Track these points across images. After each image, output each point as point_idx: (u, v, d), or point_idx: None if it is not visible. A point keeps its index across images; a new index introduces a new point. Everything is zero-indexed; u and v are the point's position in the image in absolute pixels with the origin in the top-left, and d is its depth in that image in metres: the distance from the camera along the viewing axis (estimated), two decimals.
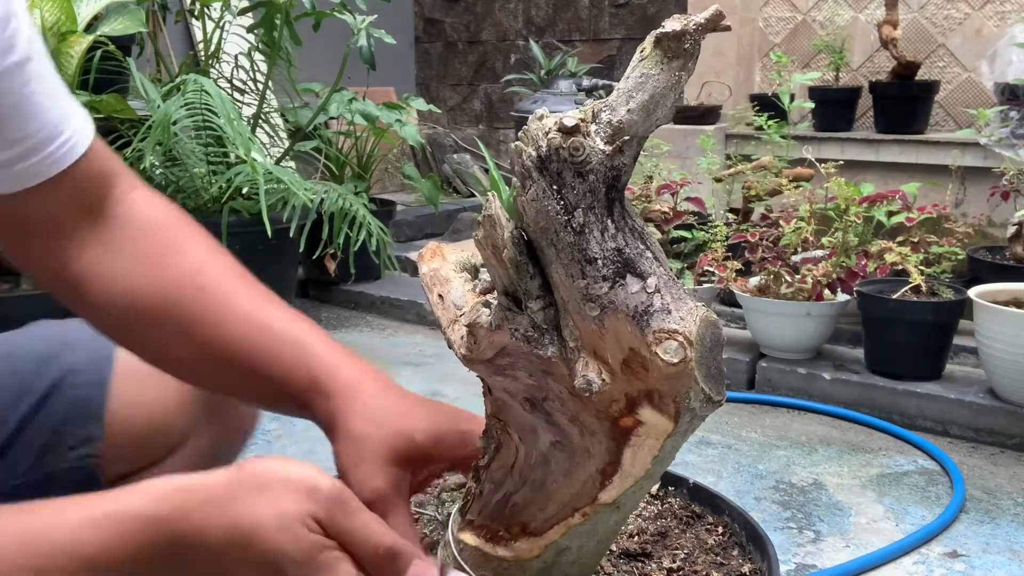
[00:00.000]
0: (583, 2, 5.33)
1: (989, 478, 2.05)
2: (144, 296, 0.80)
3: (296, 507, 0.54)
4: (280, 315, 0.78)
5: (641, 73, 0.52)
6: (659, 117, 0.53)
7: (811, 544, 1.78)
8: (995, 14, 3.20)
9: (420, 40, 5.98)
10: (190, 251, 0.82)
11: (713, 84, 3.59)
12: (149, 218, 0.84)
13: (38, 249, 0.83)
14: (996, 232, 3.00)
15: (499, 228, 0.54)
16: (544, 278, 0.55)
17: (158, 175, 2.84)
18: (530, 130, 0.52)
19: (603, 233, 0.52)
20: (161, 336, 0.80)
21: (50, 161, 0.78)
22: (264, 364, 0.75)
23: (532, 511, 0.61)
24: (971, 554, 1.74)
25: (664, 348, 0.51)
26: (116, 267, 0.81)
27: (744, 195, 2.82)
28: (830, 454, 2.18)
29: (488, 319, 0.56)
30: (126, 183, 0.86)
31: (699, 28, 0.51)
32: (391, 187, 4.84)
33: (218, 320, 0.77)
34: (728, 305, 2.83)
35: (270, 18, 2.81)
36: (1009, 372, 2.15)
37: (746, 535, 0.80)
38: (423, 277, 0.66)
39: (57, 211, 0.81)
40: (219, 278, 0.80)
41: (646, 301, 0.52)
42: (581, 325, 0.54)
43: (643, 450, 0.55)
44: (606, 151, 0.51)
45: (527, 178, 0.52)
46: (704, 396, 0.52)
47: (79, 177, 0.80)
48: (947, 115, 3.32)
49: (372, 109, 3.00)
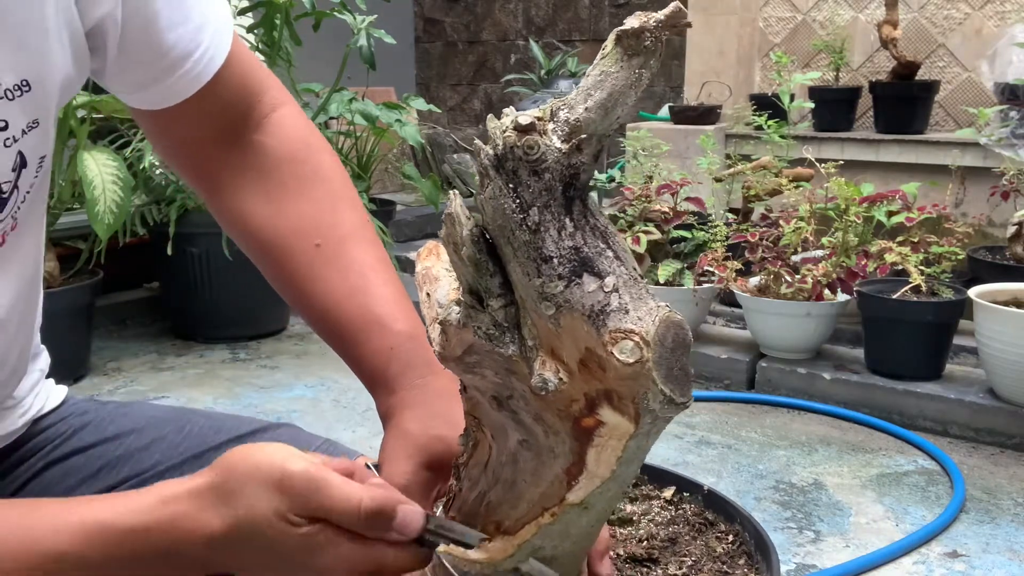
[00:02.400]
0: (583, 2, 5.34)
1: (989, 478, 2.05)
2: (269, 237, 0.82)
3: (272, 505, 0.55)
4: (380, 293, 0.79)
5: (601, 71, 0.52)
6: (619, 115, 0.52)
7: (811, 544, 1.78)
8: (995, 14, 3.20)
9: (420, 40, 5.98)
10: (317, 198, 0.83)
11: (713, 84, 3.59)
12: (283, 153, 0.84)
13: (186, 162, 0.85)
14: (996, 232, 3.00)
15: (458, 226, 0.54)
16: (505, 276, 0.55)
17: (158, 175, 2.85)
18: (489, 128, 0.53)
19: (560, 232, 0.52)
20: (280, 278, 0.83)
21: (189, 78, 0.77)
22: (353, 343, 0.78)
23: (505, 510, 0.61)
24: (971, 554, 1.74)
25: (620, 348, 0.51)
26: (248, 201, 0.83)
27: (744, 195, 2.82)
28: (830, 454, 2.18)
29: (456, 317, 0.57)
30: (268, 99, 0.85)
31: (659, 25, 0.50)
32: (391, 187, 4.84)
33: (326, 286, 0.80)
34: (728, 305, 2.83)
35: (270, 18, 2.81)
36: (1009, 372, 2.15)
37: (755, 544, 0.79)
38: (416, 275, 0.66)
39: (199, 129, 0.81)
40: (338, 238, 0.81)
41: (603, 300, 0.51)
42: (539, 324, 0.54)
43: (606, 451, 0.54)
44: (562, 149, 0.51)
45: (485, 176, 0.53)
46: (664, 398, 0.51)
47: (219, 93, 0.80)
48: (947, 115, 3.32)
49: (372, 109, 3.00)
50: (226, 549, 0.57)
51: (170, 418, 0.92)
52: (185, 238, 2.83)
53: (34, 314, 0.83)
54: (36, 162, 0.71)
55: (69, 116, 2.47)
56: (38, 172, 0.72)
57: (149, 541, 0.57)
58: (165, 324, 3.23)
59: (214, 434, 0.90)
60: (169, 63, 0.76)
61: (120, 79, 0.77)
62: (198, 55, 0.77)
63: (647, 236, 2.60)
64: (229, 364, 2.90)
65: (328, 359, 2.89)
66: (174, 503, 0.57)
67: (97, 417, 0.91)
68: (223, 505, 0.56)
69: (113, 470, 0.87)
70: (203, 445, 0.89)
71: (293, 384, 2.71)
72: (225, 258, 2.72)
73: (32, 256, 0.79)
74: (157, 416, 0.92)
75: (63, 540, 0.57)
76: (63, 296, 2.62)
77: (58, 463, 0.87)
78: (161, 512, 0.57)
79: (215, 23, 0.78)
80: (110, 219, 2.40)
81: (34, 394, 0.88)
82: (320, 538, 0.56)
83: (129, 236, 2.78)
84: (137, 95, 0.79)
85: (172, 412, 0.94)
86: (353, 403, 2.54)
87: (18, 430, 0.86)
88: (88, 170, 2.39)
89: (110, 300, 3.22)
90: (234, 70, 0.81)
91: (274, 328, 3.18)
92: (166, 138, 0.85)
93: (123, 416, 0.92)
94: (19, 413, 0.86)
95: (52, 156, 0.75)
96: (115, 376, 2.79)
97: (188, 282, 2.99)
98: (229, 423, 0.93)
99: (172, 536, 0.57)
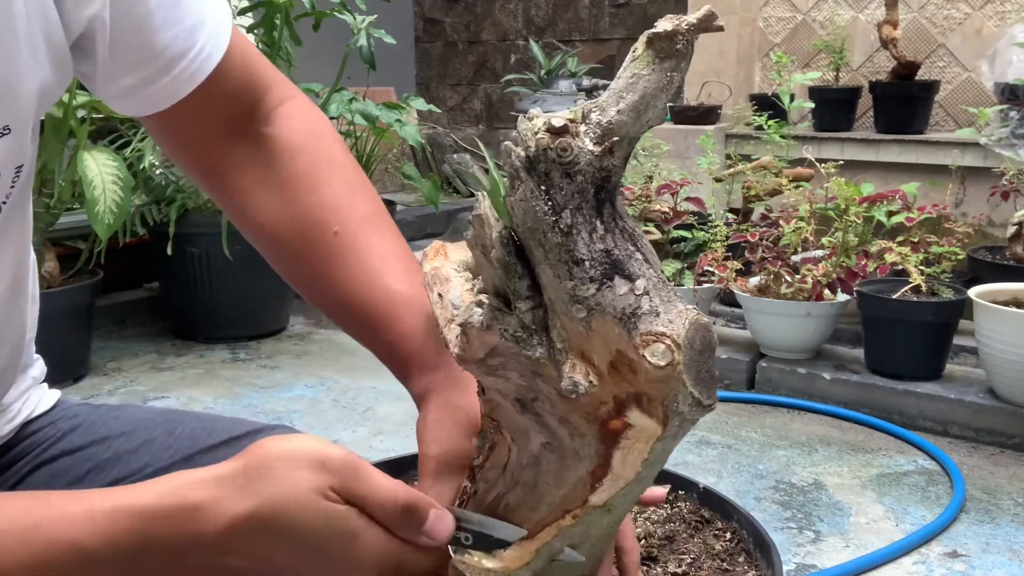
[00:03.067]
0: (583, 2, 5.34)
1: (989, 478, 2.05)
2: (283, 229, 0.80)
3: (312, 481, 0.54)
4: (405, 276, 0.78)
5: (632, 73, 0.51)
6: (650, 118, 0.52)
7: (811, 544, 1.78)
8: (995, 14, 3.20)
9: (420, 40, 5.98)
10: (332, 186, 0.81)
11: (713, 84, 3.59)
12: (294, 144, 0.82)
13: (191, 160, 0.84)
14: (996, 232, 3.00)
15: (487, 228, 0.54)
16: (533, 279, 0.54)
17: (158, 175, 2.85)
18: (519, 130, 0.52)
19: (591, 234, 0.52)
20: (298, 270, 0.81)
21: (184, 78, 0.75)
22: (382, 326, 0.76)
23: (524, 512, 0.61)
24: (971, 554, 1.74)
25: (651, 351, 0.51)
26: (259, 195, 0.81)
27: (744, 195, 2.82)
28: (830, 454, 2.18)
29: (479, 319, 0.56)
30: (275, 94, 0.83)
31: (691, 28, 0.50)
32: (391, 187, 4.84)
33: (347, 272, 0.78)
34: (728, 305, 2.83)
35: (270, 18, 2.81)
36: (1009, 372, 2.15)
37: (753, 542, 0.79)
38: (425, 276, 0.66)
39: (201, 127, 0.80)
40: (355, 224, 0.80)
41: (634, 303, 0.51)
42: (568, 326, 0.54)
43: (632, 453, 0.54)
44: (595, 152, 0.51)
45: (516, 178, 0.52)
46: (693, 400, 0.51)
47: (218, 90, 0.78)
48: (947, 115, 3.32)
49: (372, 109, 3.00)
50: (248, 537, 0.53)
51: (161, 420, 0.91)
52: (185, 238, 2.83)
53: (20, 326, 0.81)
54: (11, 172, 0.68)
55: (69, 116, 2.47)
56: (14, 183, 0.69)
57: (163, 530, 0.53)
58: (165, 324, 3.23)
59: (206, 436, 0.89)
60: (163, 64, 0.74)
61: (112, 83, 0.75)
62: (193, 54, 0.75)
63: (647, 236, 2.60)
64: (229, 364, 2.90)
65: (328, 359, 2.89)
66: (196, 488, 0.54)
67: (87, 420, 0.90)
68: (252, 486, 0.53)
69: (102, 472, 0.86)
70: (194, 447, 0.88)
71: (293, 384, 2.71)
72: (225, 258, 2.72)
73: (12, 268, 0.76)
74: (148, 418, 0.91)
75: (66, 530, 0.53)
76: (63, 296, 2.62)
77: (46, 465, 0.86)
78: (179, 497, 0.54)
79: (212, 20, 0.77)
80: (110, 219, 2.40)
81: (23, 400, 0.86)
82: (356, 523, 0.55)
83: (129, 236, 2.78)
84: (130, 100, 0.77)
85: (163, 414, 0.93)
86: (353, 403, 2.54)
87: (4, 436, 0.85)
88: (88, 170, 2.40)
89: (110, 300, 3.22)
90: (234, 65, 0.79)
91: (274, 328, 3.18)
92: (170, 137, 0.83)
93: (114, 419, 0.90)
94: (6, 419, 0.84)
95: (33, 166, 0.73)
96: (115, 376, 2.79)
97: (188, 282, 2.99)
98: (222, 425, 0.91)
99: (190, 524, 0.53)
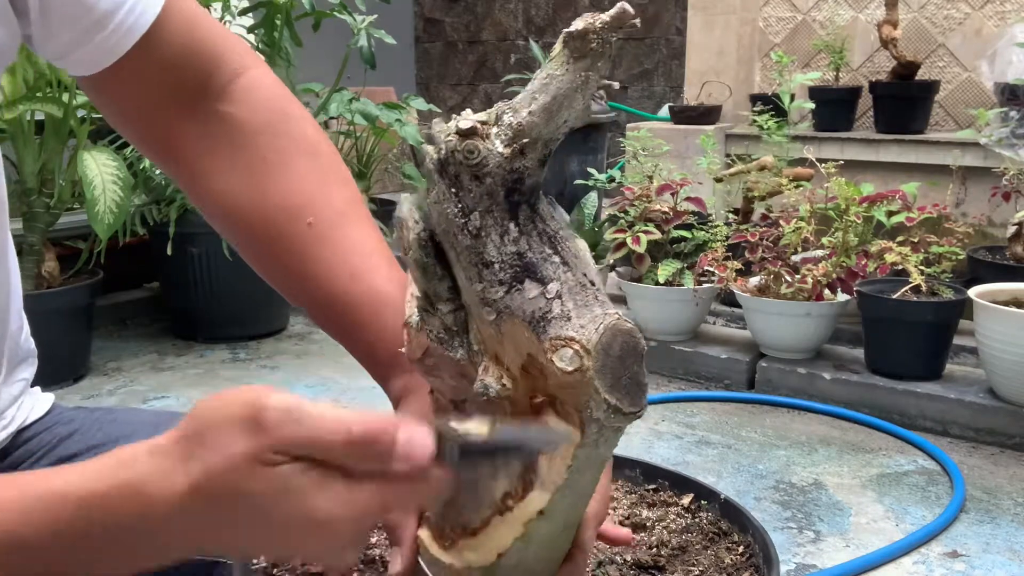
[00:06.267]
0: (583, 2, 5.33)
1: (989, 478, 2.05)
2: (249, 217, 0.76)
3: (246, 446, 0.46)
4: (383, 273, 0.74)
5: (547, 74, 0.51)
6: (566, 119, 0.51)
7: (811, 544, 1.78)
8: (995, 14, 3.20)
9: (420, 40, 5.98)
10: (299, 171, 0.76)
11: (713, 84, 3.59)
12: (257, 123, 0.77)
13: (144, 134, 0.79)
14: (996, 232, 3.00)
15: (406, 230, 0.54)
16: (454, 281, 0.54)
17: (158, 175, 2.85)
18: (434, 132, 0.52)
19: (503, 237, 0.51)
20: (268, 260, 0.77)
21: (120, 33, 0.72)
22: (358, 324, 0.73)
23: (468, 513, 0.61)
24: (971, 554, 1.74)
25: (559, 356, 0.50)
26: (220, 179, 0.76)
27: (744, 195, 2.82)
28: (830, 454, 2.18)
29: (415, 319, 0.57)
30: (230, 64, 0.78)
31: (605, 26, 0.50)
32: (391, 187, 4.84)
33: (325, 267, 0.74)
34: (728, 305, 2.83)
35: (270, 18, 2.81)
36: (1009, 372, 2.15)
37: (763, 558, 0.78)
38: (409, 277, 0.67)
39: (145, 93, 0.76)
40: (331, 214, 0.75)
41: (544, 307, 0.51)
42: (483, 329, 0.53)
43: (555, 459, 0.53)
44: (504, 154, 0.50)
45: (430, 180, 0.52)
46: (609, 407, 0.50)
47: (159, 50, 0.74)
48: (947, 115, 3.32)
49: (372, 109, 3.00)
50: (196, 515, 0.47)
51: (160, 423, 0.88)
52: (185, 238, 2.83)
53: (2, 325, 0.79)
54: None
55: (69, 116, 2.47)
56: None
57: (104, 513, 0.48)
58: (165, 324, 3.23)
59: None
60: (96, 19, 0.71)
61: (49, 41, 0.73)
62: (127, 8, 0.72)
63: (647, 236, 2.60)
64: (229, 364, 2.90)
65: (328, 359, 2.89)
66: (133, 465, 0.48)
67: (84, 425, 0.87)
68: (190, 459, 0.47)
69: None
70: None
71: (293, 384, 2.71)
72: (225, 258, 2.72)
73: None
74: (146, 421, 0.89)
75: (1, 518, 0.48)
76: (63, 296, 2.62)
77: None
78: (118, 476, 0.48)
79: None
80: (110, 219, 2.40)
81: (16, 405, 0.84)
82: (303, 479, 0.46)
83: (129, 236, 2.78)
84: (69, 59, 0.74)
85: (160, 416, 0.92)
86: (353, 403, 2.54)
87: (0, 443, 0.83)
88: (88, 170, 2.40)
89: (110, 300, 3.23)
90: (176, 27, 0.75)
91: (274, 328, 3.18)
92: (113, 104, 0.78)
93: (110, 423, 0.88)
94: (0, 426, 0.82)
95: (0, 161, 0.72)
96: (115, 376, 2.79)
97: (188, 282, 3.00)
98: None
99: (132, 505, 0.48)
